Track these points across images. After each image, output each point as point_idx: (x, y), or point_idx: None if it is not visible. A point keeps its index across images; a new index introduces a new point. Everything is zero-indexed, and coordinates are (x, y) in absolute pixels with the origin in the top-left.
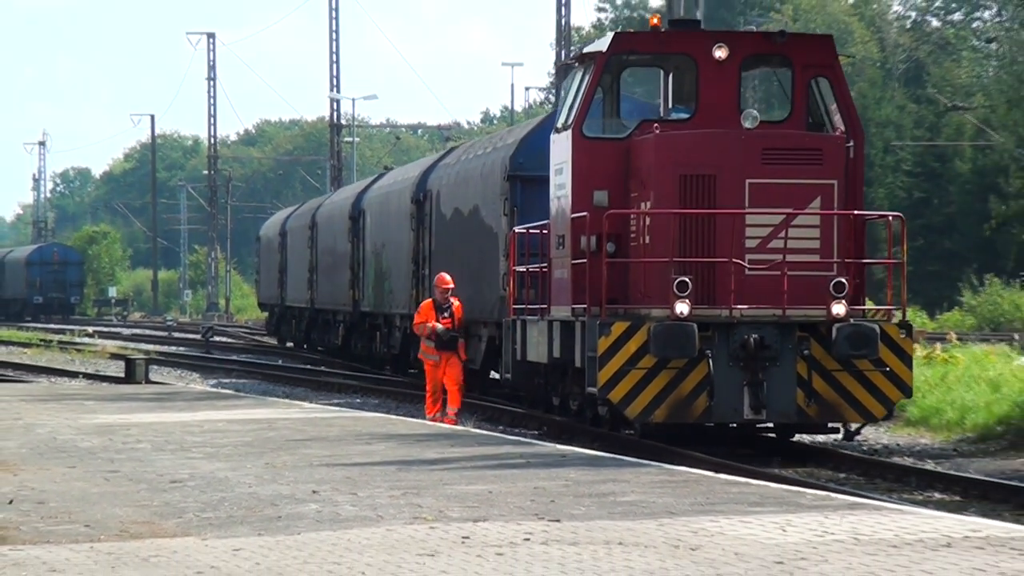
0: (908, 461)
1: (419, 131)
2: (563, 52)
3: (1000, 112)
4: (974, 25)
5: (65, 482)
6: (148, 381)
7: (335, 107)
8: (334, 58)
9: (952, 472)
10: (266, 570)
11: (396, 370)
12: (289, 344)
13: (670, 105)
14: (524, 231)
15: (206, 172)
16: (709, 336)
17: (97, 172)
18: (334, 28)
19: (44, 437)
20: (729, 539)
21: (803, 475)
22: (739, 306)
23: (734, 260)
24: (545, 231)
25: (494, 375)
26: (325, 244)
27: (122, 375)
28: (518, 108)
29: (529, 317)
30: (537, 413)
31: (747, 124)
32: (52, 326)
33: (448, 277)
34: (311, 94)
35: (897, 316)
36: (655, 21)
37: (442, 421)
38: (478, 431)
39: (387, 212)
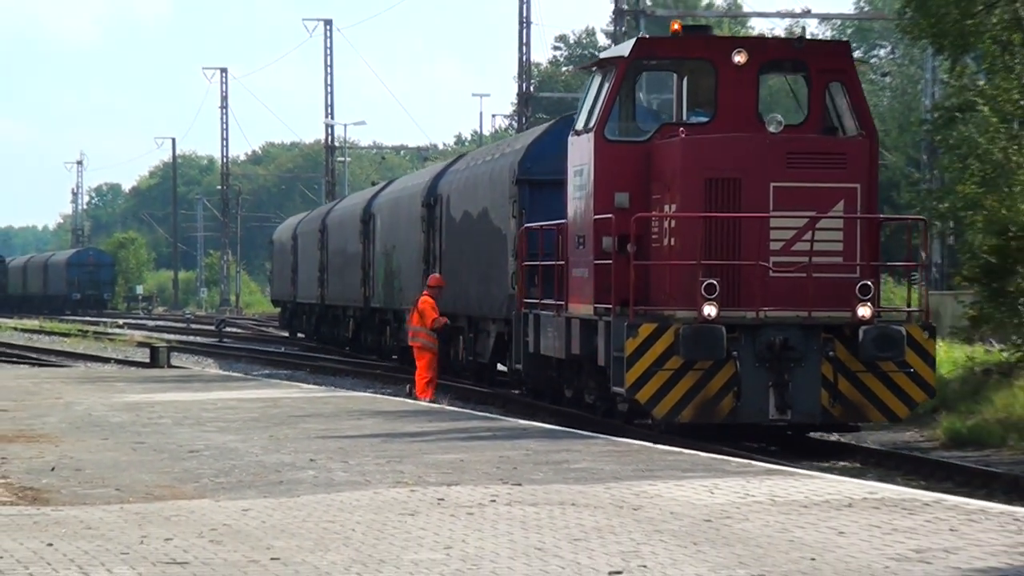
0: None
1: (401, 152)
2: (524, 84)
3: (892, 136)
4: (872, 61)
5: (99, 452)
6: (170, 366)
7: (329, 131)
8: (328, 89)
9: (853, 443)
10: (271, 527)
11: (403, 361)
12: (300, 335)
13: (684, 109)
14: (538, 228)
15: (219, 187)
16: (735, 337)
17: (126, 187)
18: (328, 64)
19: (81, 413)
20: (665, 500)
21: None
22: (765, 308)
23: (760, 263)
24: (555, 228)
25: (500, 367)
26: (336, 246)
27: (147, 360)
28: (486, 132)
29: (544, 313)
30: (533, 399)
31: (771, 128)
32: (88, 319)
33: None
34: (309, 120)
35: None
36: (676, 27)
37: (420, 399)
38: (452, 408)
39: (397, 216)
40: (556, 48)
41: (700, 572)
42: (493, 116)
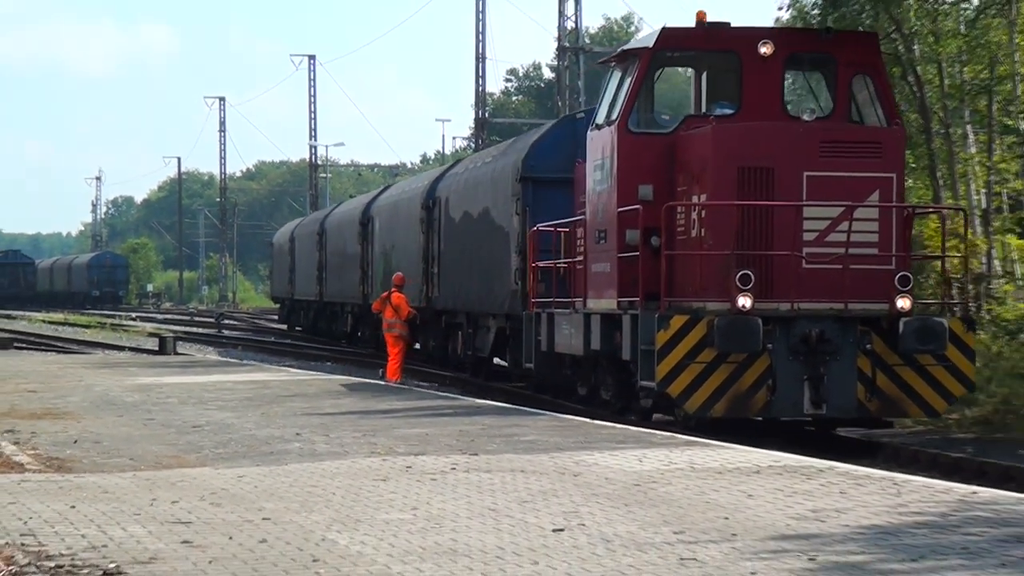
0: None
1: (375, 169)
2: (479, 111)
3: None
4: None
5: (115, 427)
6: (175, 353)
7: (313, 151)
8: (312, 115)
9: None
10: (263, 491)
11: (412, 357)
12: (298, 329)
13: (703, 102)
14: (552, 228)
15: (218, 199)
16: (769, 330)
17: (138, 199)
18: (312, 93)
19: (99, 394)
20: (601, 468)
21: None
22: (800, 300)
23: (796, 253)
24: (570, 226)
25: (497, 361)
26: (334, 247)
27: (156, 348)
28: (447, 152)
29: (558, 310)
30: (535, 393)
31: (805, 117)
32: (105, 312)
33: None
34: (295, 141)
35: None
36: (702, 16)
37: (391, 381)
38: (418, 388)
39: (396, 218)
40: (507, 80)
41: (631, 529)
42: (453, 138)
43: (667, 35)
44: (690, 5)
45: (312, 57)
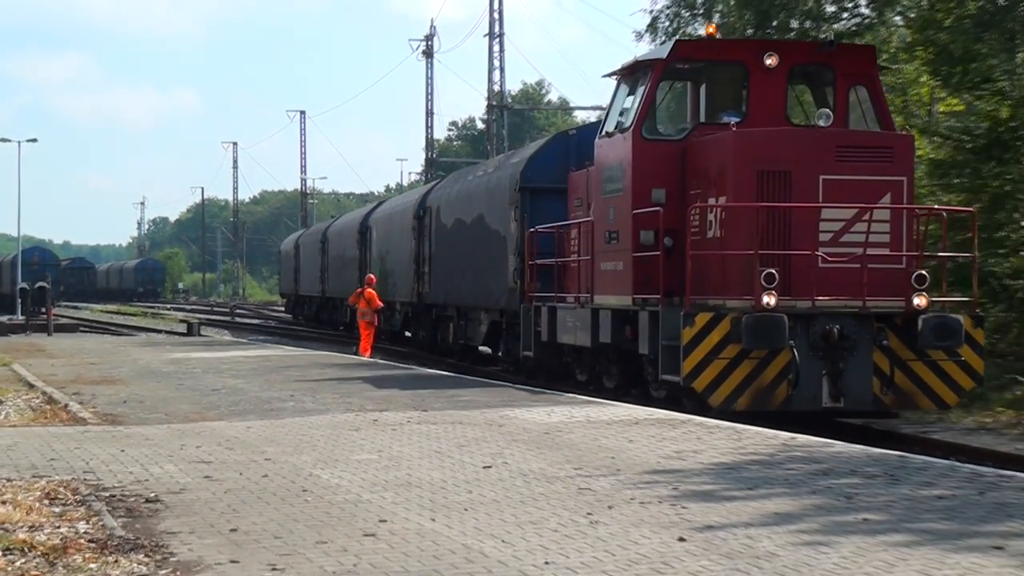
0: None
1: (350, 196)
2: (429, 153)
3: None
4: None
5: (154, 390)
6: (199, 335)
7: (303, 183)
8: (303, 154)
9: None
10: (264, 439)
11: (394, 341)
12: (301, 318)
13: (701, 112)
14: (551, 230)
15: (232, 219)
16: (791, 327)
17: (172, 219)
18: (303, 139)
19: (142, 365)
20: (520, 420)
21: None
22: (820, 298)
23: (816, 253)
24: (559, 230)
25: (483, 349)
26: (336, 252)
27: (185, 331)
28: (404, 183)
29: (561, 305)
30: (525, 379)
31: (821, 122)
32: (147, 305)
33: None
34: (290, 175)
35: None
36: (712, 30)
37: (363, 356)
38: (383, 362)
39: (391, 227)
40: (449, 130)
41: (542, 466)
42: (409, 173)
43: (679, 46)
44: (593, 71)
45: (303, 112)
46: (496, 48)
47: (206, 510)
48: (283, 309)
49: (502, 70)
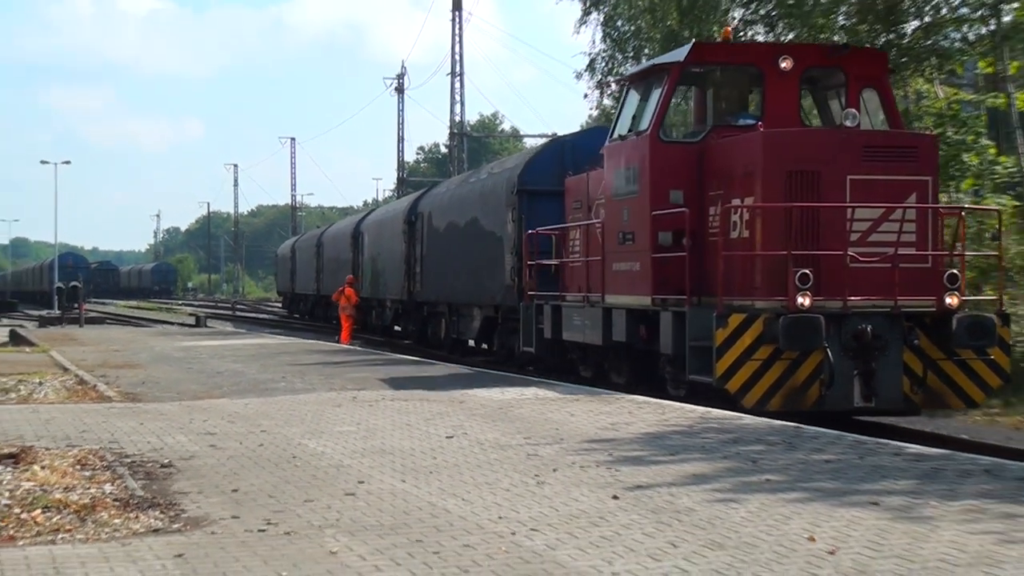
0: None
1: (333, 210)
2: (400, 173)
3: None
4: None
5: (167, 373)
6: (206, 326)
7: (294, 198)
8: (293, 173)
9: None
10: (261, 414)
11: (385, 335)
12: (296, 315)
13: (708, 115)
14: (552, 232)
15: (233, 229)
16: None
17: (183, 229)
18: (293, 162)
19: (158, 352)
20: (479, 398)
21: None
22: (852, 298)
23: (849, 252)
24: (559, 232)
25: (471, 343)
26: (330, 255)
27: (194, 323)
28: (380, 199)
29: (567, 303)
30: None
31: (848, 123)
32: (161, 301)
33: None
34: (282, 192)
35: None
36: (727, 34)
37: (344, 343)
38: (361, 348)
39: (382, 232)
40: (417, 153)
41: (496, 436)
42: (383, 190)
43: (697, 49)
44: (540, 105)
45: (293, 138)
46: (457, 85)
47: (211, 474)
48: (278, 305)
49: (462, 104)
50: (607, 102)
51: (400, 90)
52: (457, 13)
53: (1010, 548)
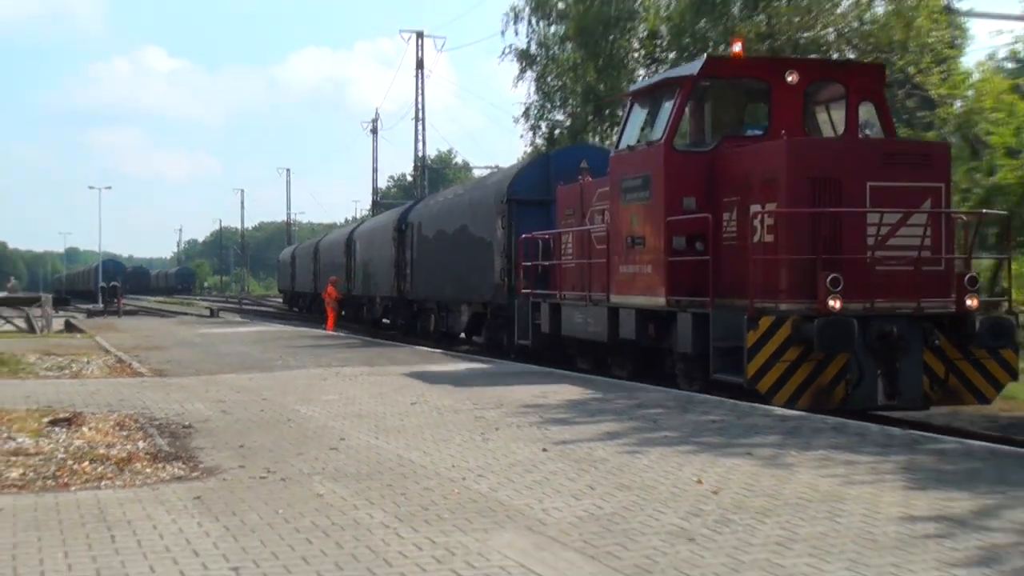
0: None
1: (320, 225)
2: (375, 196)
3: None
4: None
5: (187, 355)
6: (218, 317)
7: (289, 217)
8: (288, 198)
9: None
10: (263, 386)
11: (375, 327)
12: (295, 309)
13: (707, 127)
14: (549, 236)
15: (240, 241)
16: None
17: (200, 240)
18: (288, 188)
19: (180, 337)
20: (435, 371)
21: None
22: (875, 300)
23: (875, 255)
24: (552, 236)
25: (461, 335)
26: (327, 260)
27: (208, 315)
28: (357, 216)
29: (567, 302)
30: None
31: (868, 132)
32: (183, 297)
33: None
34: (279, 211)
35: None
36: (738, 50)
37: (329, 331)
38: (344, 334)
39: (373, 240)
40: (388, 181)
41: (450, 403)
42: (361, 210)
43: (710, 63)
44: (486, 142)
45: (288, 169)
46: (420, 128)
47: (223, 433)
48: (278, 300)
49: (424, 142)
50: (539, 141)
51: (375, 131)
52: (420, 71)
53: (850, 487)
